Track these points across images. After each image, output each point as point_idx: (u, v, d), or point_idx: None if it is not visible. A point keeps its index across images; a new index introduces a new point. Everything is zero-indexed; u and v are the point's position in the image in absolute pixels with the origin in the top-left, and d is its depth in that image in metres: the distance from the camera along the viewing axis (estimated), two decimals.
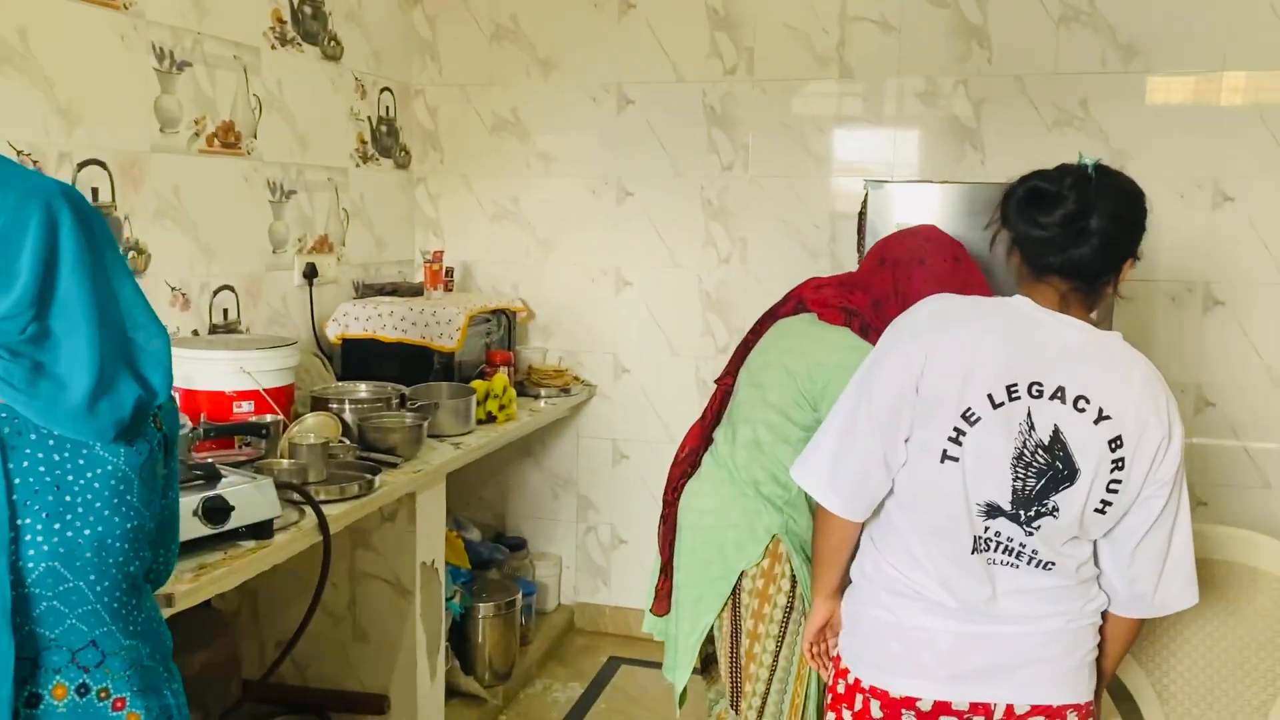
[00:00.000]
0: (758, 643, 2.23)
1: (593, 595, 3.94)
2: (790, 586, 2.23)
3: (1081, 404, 1.48)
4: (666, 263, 3.70)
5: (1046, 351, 1.50)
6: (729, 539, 2.23)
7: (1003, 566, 1.56)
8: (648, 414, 3.74)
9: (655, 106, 3.64)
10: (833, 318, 2.18)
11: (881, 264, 2.24)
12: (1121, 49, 3.23)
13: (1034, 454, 1.49)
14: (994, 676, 1.57)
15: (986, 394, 1.49)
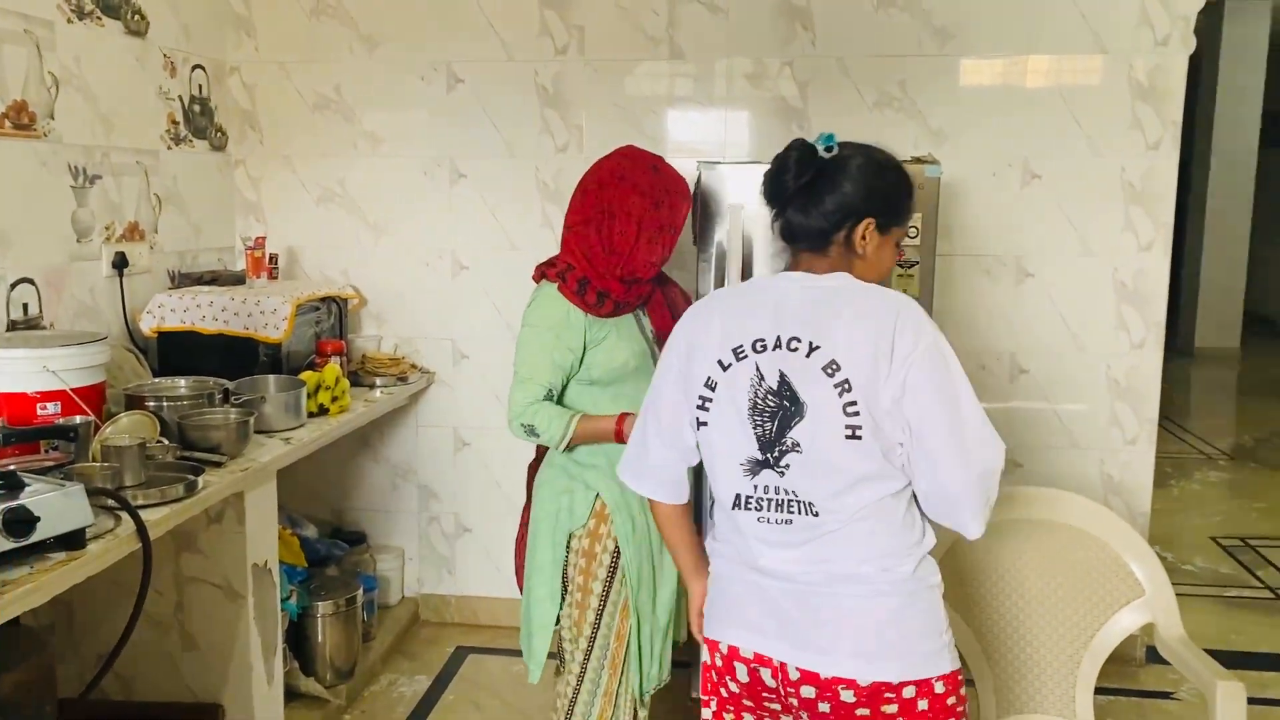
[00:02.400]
0: (586, 597, 2.33)
1: (437, 586, 3.87)
2: (614, 547, 2.32)
3: (794, 344, 1.58)
4: (504, 245, 3.64)
5: (767, 310, 1.62)
6: (562, 505, 2.34)
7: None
8: (489, 400, 3.69)
9: (486, 86, 3.57)
10: (536, 276, 2.36)
11: (585, 192, 2.32)
12: (936, 32, 3.36)
13: (764, 400, 1.59)
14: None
15: (716, 360, 1.64)
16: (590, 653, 2.33)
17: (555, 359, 2.26)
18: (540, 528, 2.37)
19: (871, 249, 1.66)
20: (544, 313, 2.28)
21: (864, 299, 1.59)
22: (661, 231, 2.29)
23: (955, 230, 3.43)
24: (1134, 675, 3.43)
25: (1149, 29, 3.29)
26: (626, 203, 2.26)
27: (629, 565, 2.32)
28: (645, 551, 2.36)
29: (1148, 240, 3.38)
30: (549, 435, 2.26)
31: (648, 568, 2.36)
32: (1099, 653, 2.27)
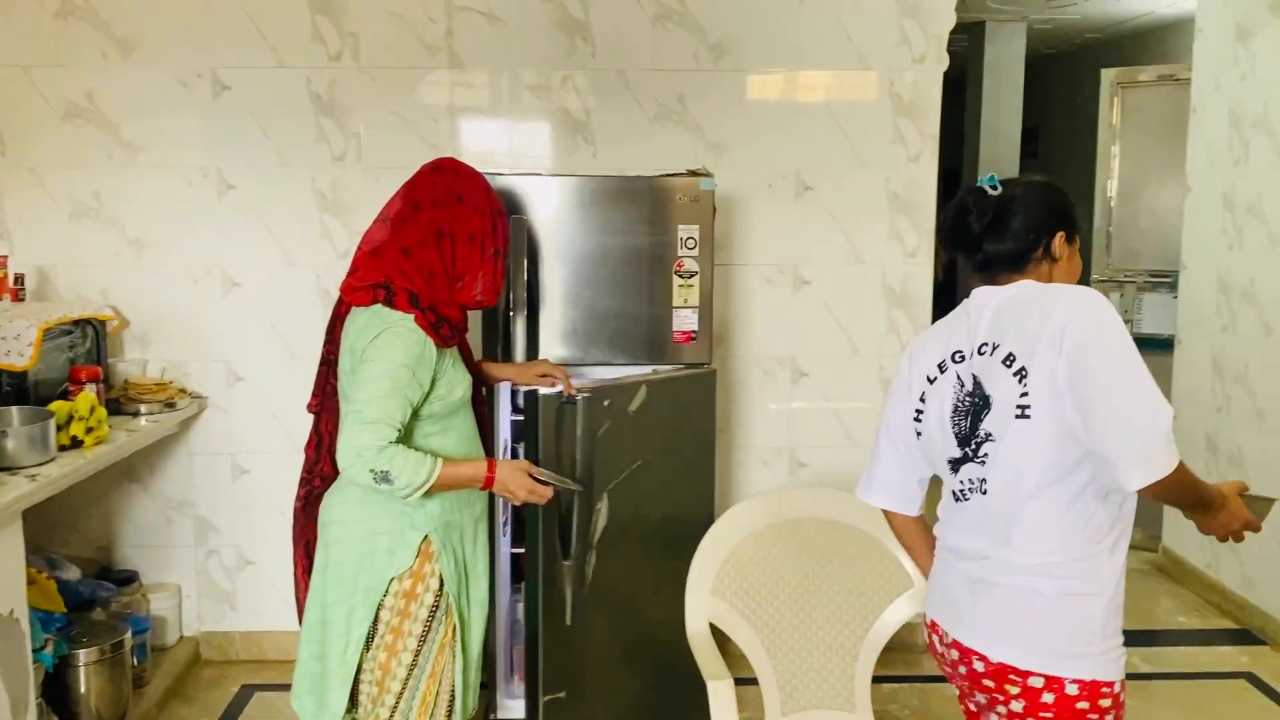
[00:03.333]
0: (400, 639, 2.20)
1: (219, 623, 3.65)
2: (438, 586, 2.21)
3: (983, 349, 1.76)
4: (279, 260, 3.48)
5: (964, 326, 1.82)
6: (380, 547, 2.17)
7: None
8: (269, 424, 3.51)
9: (255, 93, 3.40)
10: (361, 299, 2.12)
11: (417, 208, 2.17)
12: (712, 48, 3.45)
13: (962, 401, 1.79)
14: None
15: (926, 377, 1.85)
16: (401, 694, 2.20)
17: (409, 397, 2.07)
18: (346, 571, 2.18)
19: (1065, 256, 1.82)
20: (401, 348, 2.05)
21: (1043, 296, 1.73)
22: (498, 255, 2.22)
23: (735, 240, 3.52)
24: (917, 661, 3.61)
25: (907, 47, 3.48)
26: (468, 224, 2.16)
27: (453, 603, 2.22)
28: (464, 587, 2.28)
29: (912, 248, 3.58)
30: (406, 483, 2.03)
31: (464, 604, 2.29)
32: (875, 644, 2.36)
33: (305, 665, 2.27)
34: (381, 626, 2.20)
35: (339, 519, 2.21)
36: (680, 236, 2.89)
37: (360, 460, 2.01)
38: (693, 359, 2.96)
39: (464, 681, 2.29)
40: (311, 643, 2.25)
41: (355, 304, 2.13)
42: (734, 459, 3.65)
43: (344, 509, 2.21)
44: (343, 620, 2.20)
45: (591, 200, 2.90)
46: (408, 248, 2.15)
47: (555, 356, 2.92)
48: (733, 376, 3.59)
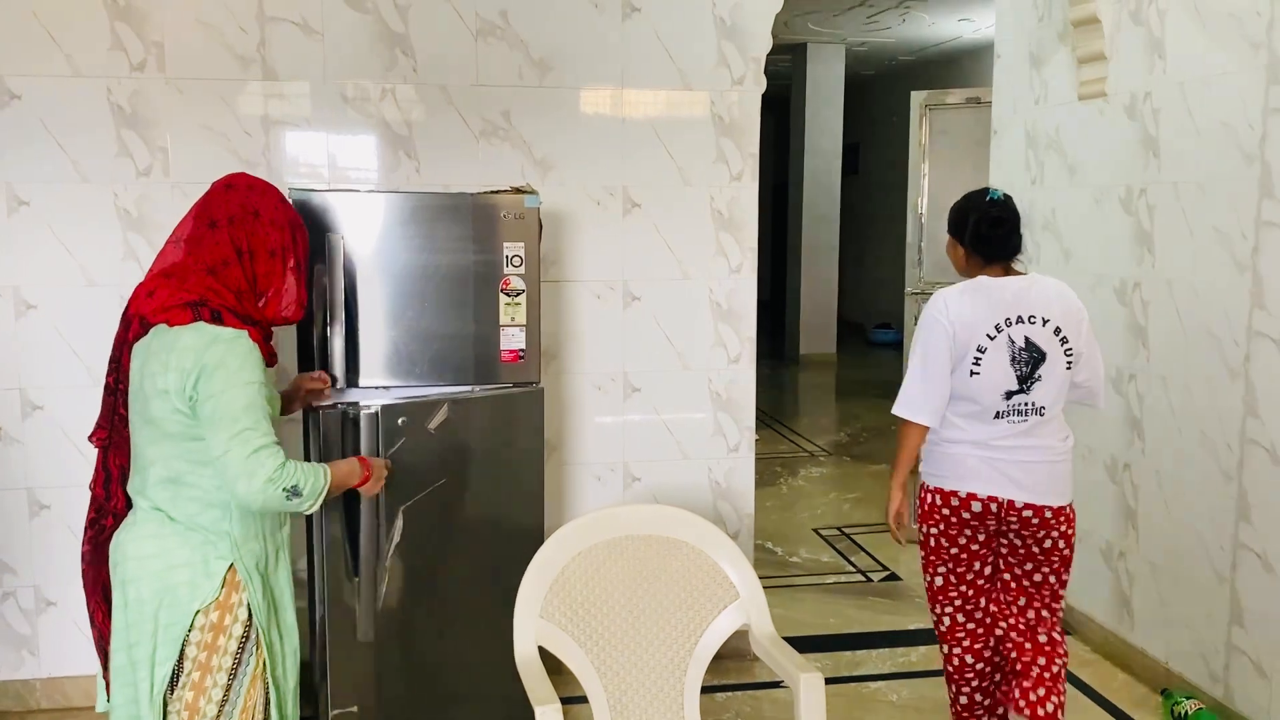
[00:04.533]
0: (209, 675, 2.10)
1: (17, 670, 3.38)
2: (247, 616, 2.13)
3: (1032, 319, 2.69)
4: (79, 280, 3.27)
5: (1007, 300, 2.69)
6: (180, 579, 2.08)
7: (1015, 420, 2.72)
8: (70, 454, 3.28)
9: (49, 102, 3.19)
10: (180, 318, 2.03)
11: (214, 226, 2.13)
12: (535, 64, 3.44)
13: (1019, 354, 2.68)
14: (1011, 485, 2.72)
15: (985, 334, 2.68)
16: None
17: (267, 411, 2.06)
18: (147, 609, 2.08)
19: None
20: (249, 366, 2.02)
21: (1056, 287, 2.75)
22: (299, 268, 2.20)
23: (565, 257, 3.53)
24: (749, 669, 3.68)
25: (726, 69, 3.57)
26: (267, 239, 2.15)
27: (262, 633, 2.14)
28: (272, 618, 2.20)
29: (737, 263, 3.66)
30: (310, 491, 2.07)
31: (276, 634, 2.21)
32: (703, 656, 2.39)
33: (121, 710, 2.15)
34: (188, 664, 2.09)
35: (133, 555, 2.10)
36: (506, 254, 2.87)
37: (271, 485, 2.01)
38: (521, 378, 2.94)
39: (280, 715, 2.21)
40: (124, 685, 2.13)
41: (171, 323, 2.03)
42: (568, 475, 3.64)
43: (137, 544, 2.10)
44: (147, 660, 2.10)
45: (414, 217, 2.85)
46: (212, 267, 2.10)
47: (375, 380, 2.85)
48: (565, 393, 3.59)
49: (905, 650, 3.94)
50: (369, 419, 2.70)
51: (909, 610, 4.36)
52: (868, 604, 4.44)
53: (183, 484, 2.08)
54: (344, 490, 2.31)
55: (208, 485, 2.08)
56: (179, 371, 2.00)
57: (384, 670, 2.83)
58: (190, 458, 2.06)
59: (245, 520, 2.13)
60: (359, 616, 2.75)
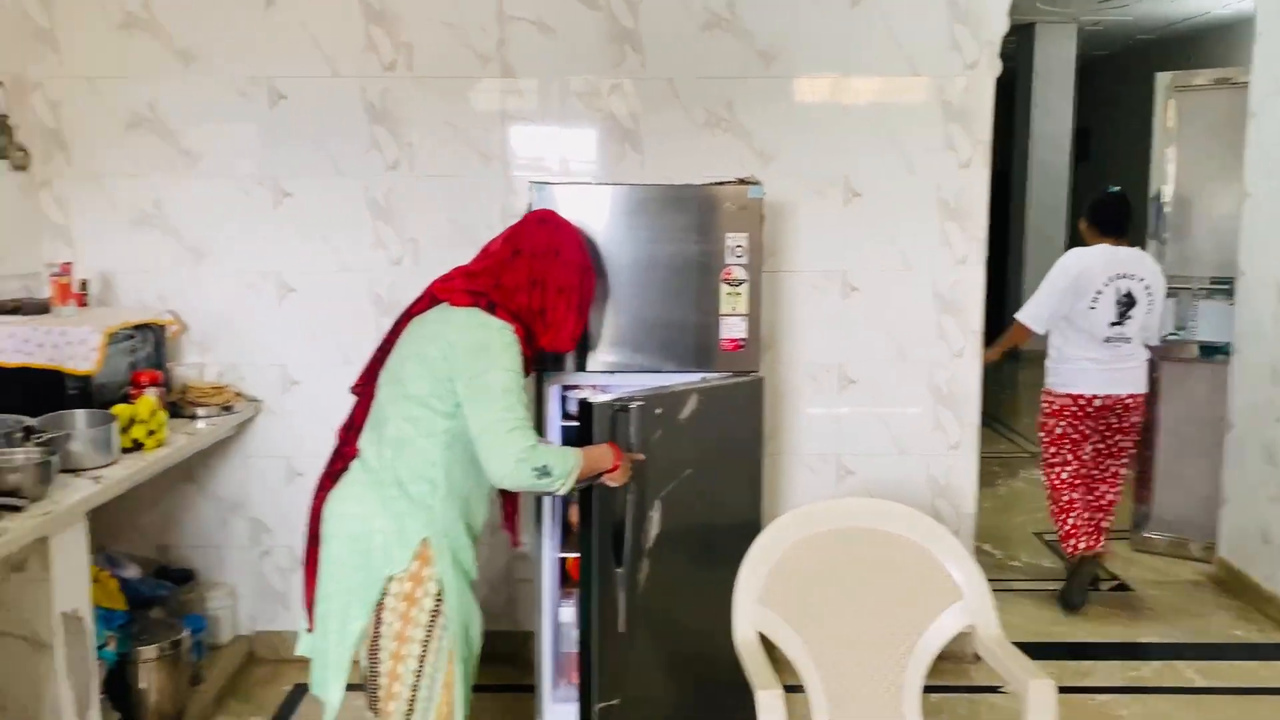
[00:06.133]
0: (404, 645, 2.22)
1: (272, 622, 3.72)
2: (436, 591, 2.23)
3: (1131, 275, 4.05)
4: (334, 266, 3.54)
5: (1119, 261, 4.06)
6: (376, 544, 2.21)
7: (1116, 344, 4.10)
8: (322, 428, 3.49)
9: (311, 102, 3.47)
10: (460, 300, 2.27)
11: (517, 255, 2.37)
12: (761, 54, 3.45)
13: (1121, 299, 4.02)
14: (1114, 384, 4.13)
15: (1102, 282, 4.02)
16: (413, 702, 2.23)
17: (523, 398, 2.22)
18: (342, 567, 2.23)
19: None
20: (510, 356, 2.21)
21: (1148, 258, 4.18)
22: (583, 307, 2.39)
23: (783, 248, 3.52)
24: (966, 672, 3.58)
25: (958, 53, 3.46)
26: (560, 277, 2.35)
27: (453, 612, 2.24)
28: (467, 597, 2.30)
29: (962, 254, 3.55)
30: (561, 472, 2.21)
31: (467, 615, 2.30)
32: (923, 655, 2.35)
33: (316, 655, 2.33)
34: (384, 628, 2.21)
35: (336, 513, 2.28)
36: (728, 244, 2.89)
37: (522, 463, 2.15)
38: (740, 366, 2.96)
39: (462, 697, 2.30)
40: (321, 635, 2.30)
41: (453, 303, 2.26)
42: (781, 465, 3.64)
43: (342, 503, 2.28)
44: (337, 615, 2.24)
45: (639, 208, 2.92)
46: (504, 286, 2.32)
47: (602, 363, 2.94)
48: (780, 383, 3.59)
49: (1137, 664, 3.72)
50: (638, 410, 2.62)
51: (1141, 622, 4.12)
52: (1094, 613, 4.21)
53: (406, 448, 2.23)
54: (595, 475, 2.41)
55: (426, 458, 2.22)
56: (443, 342, 2.20)
57: (640, 661, 2.80)
58: (419, 425, 2.22)
59: (450, 499, 2.24)
60: (621, 607, 2.70)
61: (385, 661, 2.23)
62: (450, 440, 2.22)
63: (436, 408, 2.20)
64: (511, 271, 2.33)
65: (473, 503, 2.32)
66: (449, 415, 2.20)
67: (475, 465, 2.24)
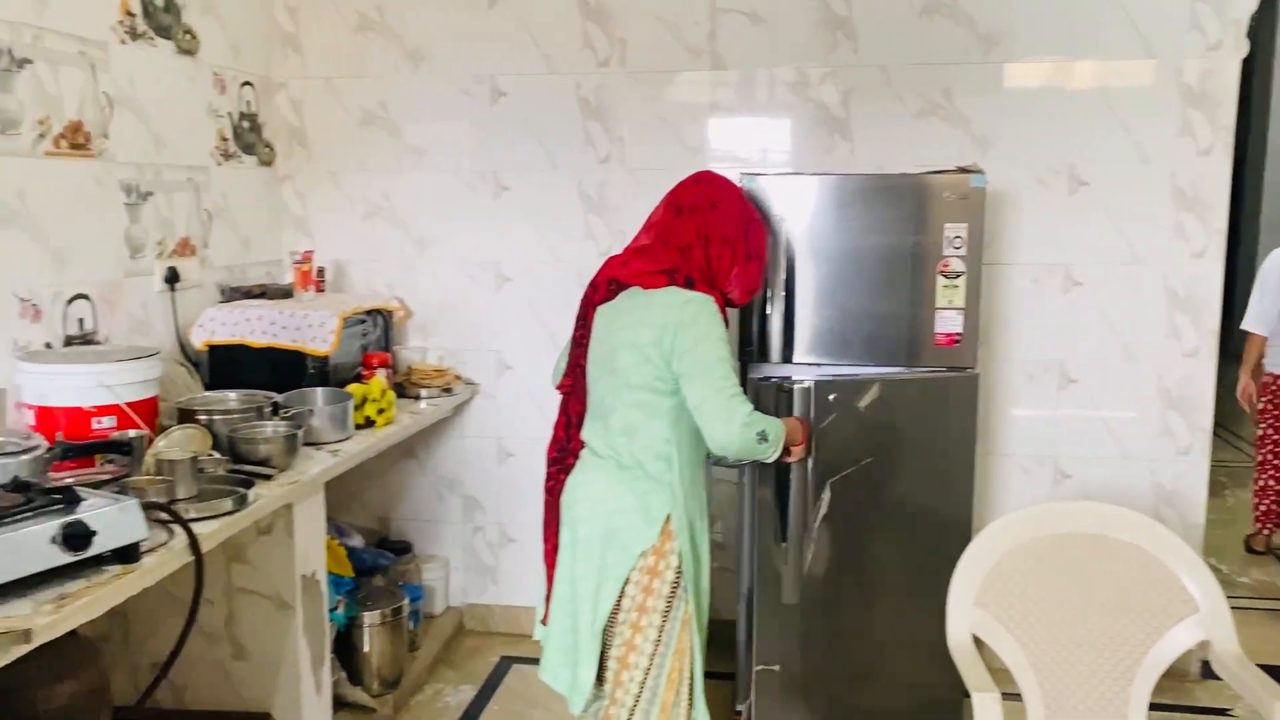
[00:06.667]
0: (645, 616, 2.29)
1: (481, 595, 3.89)
2: (677, 564, 2.30)
3: None
4: (547, 257, 3.66)
5: None
6: (624, 523, 2.29)
7: None
8: (531, 411, 3.71)
9: (529, 99, 3.59)
10: (655, 282, 2.28)
11: (679, 214, 2.36)
12: (981, 39, 3.33)
13: None
14: None
15: None
16: (649, 670, 2.30)
17: (735, 366, 2.30)
18: (594, 548, 2.32)
19: None
20: (719, 326, 2.26)
21: None
22: (750, 260, 2.37)
23: (1000, 239, 3.39)
24: (1189, 691, 3.36)
25: (1199, 33, 3.23)
26: (722, 228, 2.34)
27: (690, 581, 2.31)
28: (700, 567, 2.37)
29: (1200, 248, 3.32)
30: (774, 438, 2.28)
31: (701, 585, 2.37)
32: (1152, 670, 2.22)
33: (558, 639, 2.40)
34: (627, 602, 2.29)
35: (584, 498, 2.35)
36: (947, 235, 2.81)
37: (747, 428, 2.20)
38: (955, 363, 2.88)
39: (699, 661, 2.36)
40: (564, 616, 2.38)
41: (646, 286, 2.29)
42: (992, 465, 3.52)
43: (588, 488, 2.36)
44: (590, 595, 2.32)
45: (851, 199, 2.88)
46: (681, 247, 2.32)
47: (808, 357, 2.92)
48: (993, 380, 3.46)
49: None
50: (803, 393, 2.75)
51: None
52: None
53: (637, 433, 2.29)
54: (790, 444, 2.42)
55: (659, 436, 2.28)
56: (653, 327, 2.23)
57: (806, 633, 2.93)
58: (646, 409, 2.28)
59: (684, 473, 2.30)
60: (785, 580, 2.85)
61: (623, 633, 2.31)
62: (677, 417, 2.29)
63: (659, 389, 2.27)
64: (680, 231, 2.34)
65: (699, 477, 2.39)
66: (672, 393, 2.26)
67: (699, 438, 2.30)
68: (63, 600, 1.77)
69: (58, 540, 1.79)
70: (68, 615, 1.75)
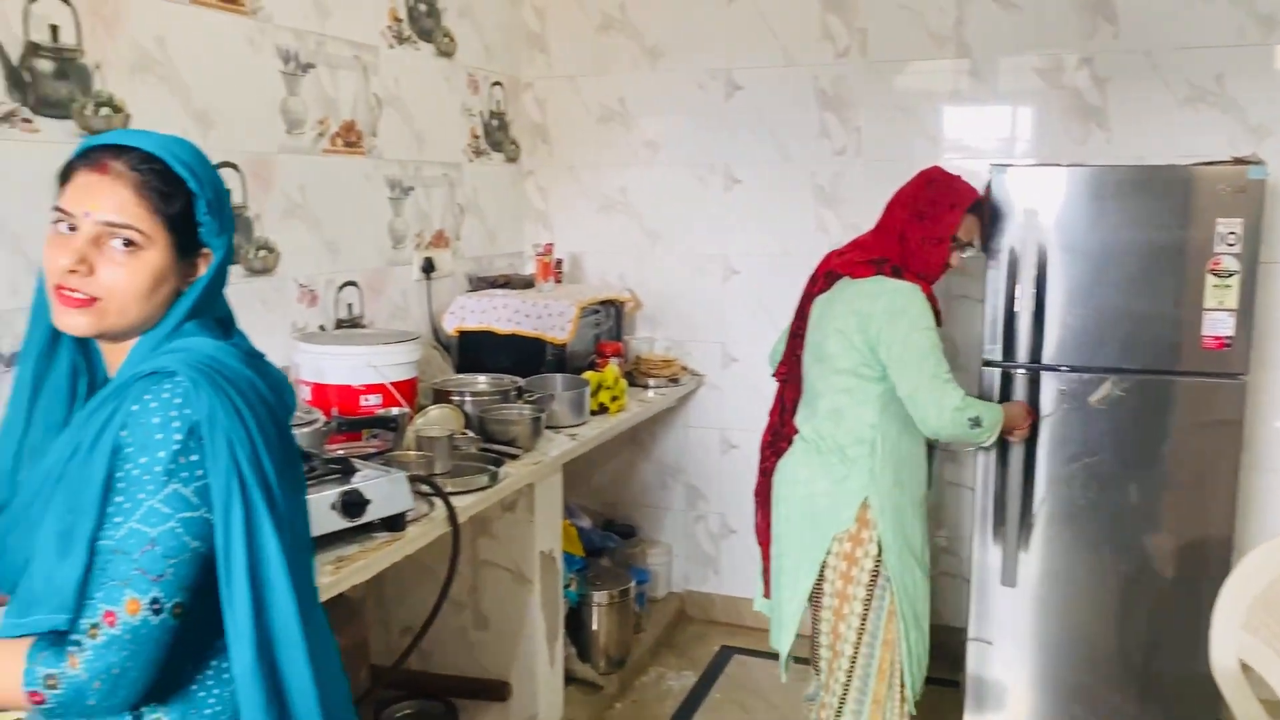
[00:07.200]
0: (846, 604, 2.35)
1: (703, 584, 3.94)
2: (876, 552, 2.34)
3: None
4: (776, 250, 3.66)
5: None
6: (821, 506, 2.37)
7: None
8: (755, 404, 3.68)
9: (764, 91, 3.60)
10: (863, 271, 2.36)
11: (893, 204, 2.46)
12: (1261, 20, 3.07)
13: None
14: None
15: None
16: (855, 660, 2.35)
17: (944, 351, 2.34)
18: (793, 528, 2.42)
19: None
20: (927, 315, 2.32)
21: None
22: (926, 242, 2.37)
23: (1276, 236, 3.12)
24: None
25: None
26: (893, 218, 2.43)
27: (893, 571, 2.32)
28: (908, 558, 2.36)
29: None
30: (989, 423, 2.33)
31: (909, 577, 2.36)
32: None
33: (774, 613, 2.56)
34: (828, 587, 2.37)
35: (786, 479, 2.49)
36: (1219, 231, 2.61)
37: (958, 413, 2.27)
38: (1223, 368, 2.68)
39: (918, 657, 2.39)
40: (775, 589, 2.52)
41: (854, 276, 2.37)
42: (1255, 480, 3.24)
43: (791, 470, 2.48)
44: (791, 572, 2.44)
45: (1109, 192, 2.72)
46: (892, 237, 2.40)
47: (1058, 359, 2.78)
48: (1263, 389, 3.18)
49: None
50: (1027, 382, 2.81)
51: None
52: None
53: (842, 417, 2.36)
54: (1008, 430, 2.52)
55: (864, 422, 2.34)
56: (858, 315, 2.31)
57: (1020, 615, 2.93)
58: (853, 394, 2.35)
59: (886, 460, 2.34)
60: (1004, 562, 2.88)
61: (828, 620, 2.38)
62: (885, 403, 2.34)
63: (866, 375, 2.34)
64: (888, 221, 2.43)
65: (908, 466, 2.40)
66: (879, 379, 2.33)
67: (908, 427, 2.35)
68: (340, 562, 1.93)
69: (337, 507, 1.95)
70: (345, 576, 1.91)
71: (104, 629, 1.05)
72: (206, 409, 1.09)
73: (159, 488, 1.07)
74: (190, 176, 1.16)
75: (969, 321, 3.38)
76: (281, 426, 1.20)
